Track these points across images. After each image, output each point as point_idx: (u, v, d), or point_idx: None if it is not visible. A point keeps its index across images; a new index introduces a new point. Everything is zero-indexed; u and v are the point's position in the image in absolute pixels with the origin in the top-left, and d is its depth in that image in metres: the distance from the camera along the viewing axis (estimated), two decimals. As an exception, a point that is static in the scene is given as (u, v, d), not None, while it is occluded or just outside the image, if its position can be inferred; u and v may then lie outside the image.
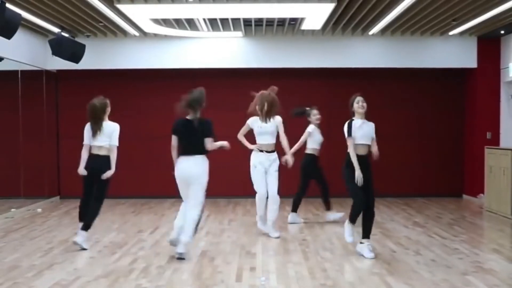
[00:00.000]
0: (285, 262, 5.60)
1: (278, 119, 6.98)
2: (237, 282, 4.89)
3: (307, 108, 7.91)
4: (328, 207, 7.95)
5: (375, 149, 6.02)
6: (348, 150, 5.89)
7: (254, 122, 7.00)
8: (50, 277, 5.07)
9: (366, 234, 5.91)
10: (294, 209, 7.94)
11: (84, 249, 6.12)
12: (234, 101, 10.58)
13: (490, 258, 5.76)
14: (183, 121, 5.97)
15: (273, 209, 6.94)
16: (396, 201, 10.12)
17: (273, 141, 6.98)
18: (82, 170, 6.28)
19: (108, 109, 6.48)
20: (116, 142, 6.34)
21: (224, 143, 6.02)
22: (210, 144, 5.86)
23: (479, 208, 9.21)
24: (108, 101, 6.49)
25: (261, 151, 6.95)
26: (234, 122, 10.33)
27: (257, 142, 7.02)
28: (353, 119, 6.01)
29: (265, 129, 6.90)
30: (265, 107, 6.91)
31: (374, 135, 6.04)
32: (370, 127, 6.04)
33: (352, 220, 5.91)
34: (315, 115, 7.84)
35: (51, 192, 10.33)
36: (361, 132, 5.92)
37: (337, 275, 5.08)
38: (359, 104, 6.01)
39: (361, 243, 5.91)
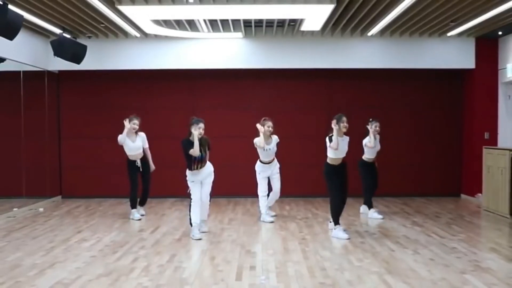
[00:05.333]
0: (284, 261, 5.66)
1: (275, 137, 8.14)
2: (237, 281, 4.93)
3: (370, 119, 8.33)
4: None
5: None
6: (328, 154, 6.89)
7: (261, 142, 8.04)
8: (52, 276, 5.12)
9: (338, 221, 6.96)
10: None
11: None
12: (234, 102, 10.66)
13: (488, 257, 5.81)
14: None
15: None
16: (395, 200, 10.17)
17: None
18: None
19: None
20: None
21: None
22: None
23: (477, 208, 9.26)
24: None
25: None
26: (234, 122, 10.46)
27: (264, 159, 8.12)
28: (331, 136, 6.77)
29: (273, 151, 8.14)
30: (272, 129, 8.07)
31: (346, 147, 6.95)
32: (346, 142, 6.89)
33: (337, 221, 6.94)
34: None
35: (52, 192, 10.38)
36: (342, 147, 6.80)
37: (336, 274, 5.14)
38: (344, 124, 6.77)
39: (334, 228, 6.96)
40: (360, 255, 5.89)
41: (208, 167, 7.08)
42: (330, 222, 7.23)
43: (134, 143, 8.22)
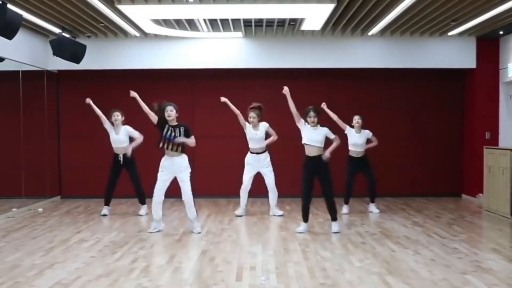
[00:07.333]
0: (285, 261, 5.63)
1: (264, 124, 8.38)
2: (237, 282, 4.91)
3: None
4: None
5: (328, 150, 7.04)
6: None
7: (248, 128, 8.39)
8: (51, 276, 5.10)
9: (334, 218, 7.17)
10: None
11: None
12: (234, 102, 10.59)
13: (489, 258, 5.79)
14: None
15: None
16: (396, 200, 10.14)
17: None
18: None
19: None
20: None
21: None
22: None
23: (478, 208, 9.23)
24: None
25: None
26: (234, 122, 10.41)
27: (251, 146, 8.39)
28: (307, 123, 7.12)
29: (260, 136, 8.35)
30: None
31: (331, 136, 7.08)
32: (320, 134, 7.01)
33: (304, 219, 7.16)
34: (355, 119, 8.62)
35: (52, 192, 10.36)
36: (309, 136, 7.01)
37: (336, 275, 5.11)
38: (311, 119, 7.09)
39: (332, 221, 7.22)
40: (361, 255, 5.87)
41: (183, 159, 7.06)
42: (333, 222, 7.22)
43: (117, 135, 8.49)
